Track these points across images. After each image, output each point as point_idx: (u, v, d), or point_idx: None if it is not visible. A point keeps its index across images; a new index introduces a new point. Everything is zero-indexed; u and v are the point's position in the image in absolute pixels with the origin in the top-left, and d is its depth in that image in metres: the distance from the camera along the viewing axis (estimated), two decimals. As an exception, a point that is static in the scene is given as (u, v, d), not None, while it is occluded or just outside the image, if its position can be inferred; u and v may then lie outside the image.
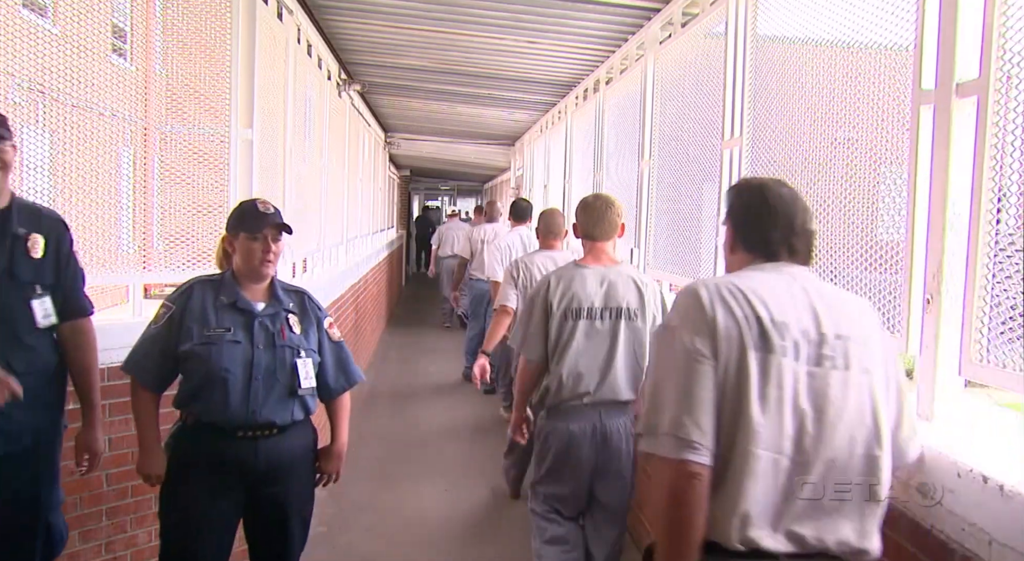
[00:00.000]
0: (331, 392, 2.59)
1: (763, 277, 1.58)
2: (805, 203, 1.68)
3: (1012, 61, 1.76)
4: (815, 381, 1.48)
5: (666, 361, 1.52)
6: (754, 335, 1.47)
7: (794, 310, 1.52)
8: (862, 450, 1.50)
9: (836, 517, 1.48)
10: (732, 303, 1.50)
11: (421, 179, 22.57)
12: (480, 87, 7.18)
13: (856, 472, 1.50)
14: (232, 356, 2.34)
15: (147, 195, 3.38)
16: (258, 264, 2.41)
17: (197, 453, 2.37)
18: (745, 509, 1.44)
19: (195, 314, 2.37)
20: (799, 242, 1.63)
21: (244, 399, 2.34)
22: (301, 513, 2.55)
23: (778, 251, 1.63)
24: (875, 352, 1.55)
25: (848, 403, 1.49)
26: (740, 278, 1.58)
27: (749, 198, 1.69)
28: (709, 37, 3.78)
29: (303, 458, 2.52)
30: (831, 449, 1.48)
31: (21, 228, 2.28)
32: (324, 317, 2.58)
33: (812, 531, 1.47)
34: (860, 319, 1.57)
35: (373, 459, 5.34)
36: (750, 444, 1.43)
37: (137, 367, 2.40)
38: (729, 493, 1.44)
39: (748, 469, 1.43)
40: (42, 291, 2.33)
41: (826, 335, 1.51)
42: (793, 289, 1.55)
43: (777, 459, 1.45)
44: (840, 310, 1.55)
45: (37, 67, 2.69)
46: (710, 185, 3.62)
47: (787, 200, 1.65)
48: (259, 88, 3.68)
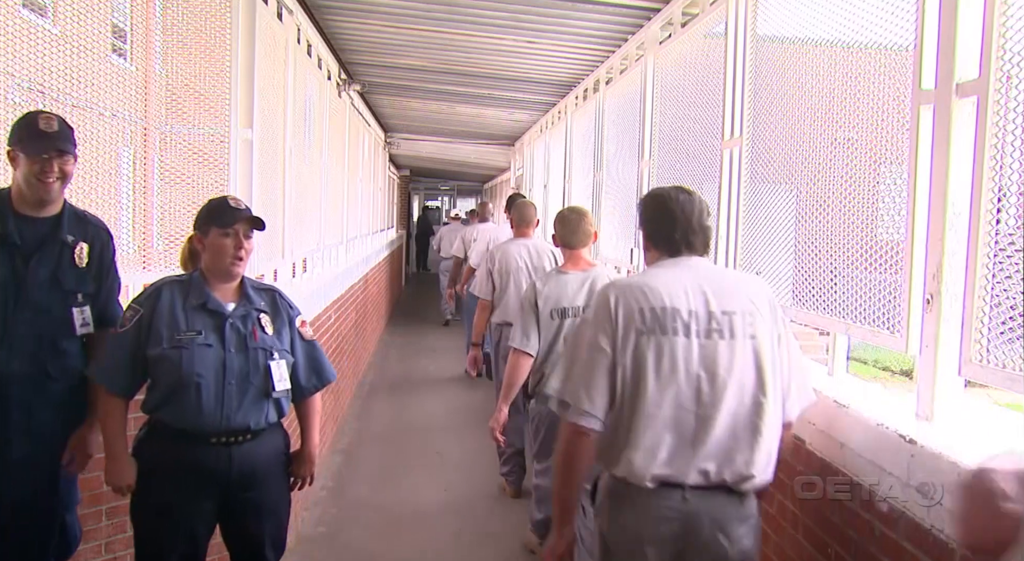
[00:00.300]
0: (303, 392, 2.51)
1: (663, 273, 2.00)
2: (703, 205, 2.08)
3: (1012, 61, 1.75)
4: (706, 351, 1.91)
5: (578, 348, 1.97)
6: (648, 323, 1.91)
7: (685, 297, 1.93)
8: (750, 399, 1.91)
9: (733, 454, 1.89)
10: (632, 300, 1.93)
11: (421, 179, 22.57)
12: (480, 87, 7.19)
13: (748, 416, 1.90)
14: (204, 360, 2.28)
15: (147, 195, 3.38)
16: (229, 262, 2.34)
17: (168, 460, 2.30)
18: (650, 455, 1.88)
19: (164, 317, 2.30)
20: (696, 238, 2.04)
21: (218, 404, 2.28)
22: (277, 518, 2.49)
23: (679, 247, 2.03)
24: (762, 322, 1.95)
25: (735, 364, 1.91)
26: (645, 276, 2.03)
27: (654, 207, 2.09)
28: (709, 37, 3.78)
29: (277, 463, 2.47)
30: (727, 402, 1.89)
31: (70, 235, 2.34)
32: (296, 315, 2.52)
33: (715, 467, 1.89)
34: (747, 296, 1.97)
35: (373, 459, 5.34)
36: (649, 407, 1.88)
37: (105, 375, 2.33)
38: (638, 444, 1.89)
39: (650, 425, 1.88)
40: (83, 300, 2.38)
41: (714, 313, 1.93)
42: (687, 278, 1.97)
43: (679, 415, 1.88)
44: (727, 290, 1.97)
45: (37, 67, 2.69)
46: (710, 185, 3.62)
47: (684, 205, 2.05)
48: (259, 88, 3.68)
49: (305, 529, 4.12)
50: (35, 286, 2.29)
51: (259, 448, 2.38)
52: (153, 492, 2.32)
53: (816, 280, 2.62)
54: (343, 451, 5.45)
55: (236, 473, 2.34)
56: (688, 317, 1.92)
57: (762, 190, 3.15)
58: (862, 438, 2.08)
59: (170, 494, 2.31)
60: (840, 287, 2.46)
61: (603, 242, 5.82)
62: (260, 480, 2.40)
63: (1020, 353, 1.71)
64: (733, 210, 3.32)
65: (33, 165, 2.24)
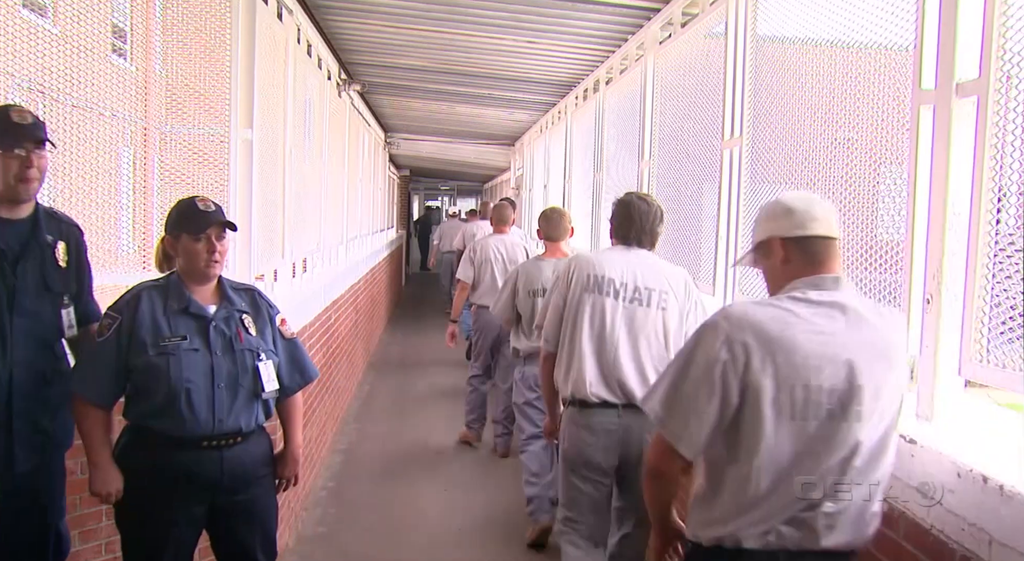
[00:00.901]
0: (285, 391, 2.48)
1: (613, 254, 2.90)
2: (658, 212, 2.91)
3: (1012, 61, 1.75)
4: (627, 311, 2.81)
5: (550, 304, 2.94)
6: (591, 285, 2.81)
7: (621, 272, 2.81)
8: (655, 349, 2.80)
9: (639, 376, 2.78)
10: (584, 269, 2.84)
11: (421, 179, 22.59)
12: (480, 87, 7.19)
13: (654, 356, 2.79)
14: (192, 365, 2.24)
15: (147, 195, 3.38)
16: (204, 265, 2.29)
17: (156, 466, 2.27)
18: (588, 377, 2.79)
19: (146, 324, 2.24)
20: (645, 237, 2.89)
21: (209, 409, 2.25)
22: (266, 521, 2.48)
23: (631, 242, 2.89)
24: (673, 300, 2.82)
25: (647, 324, 2.81)
26: (600, 254, 2.98)
27: (620, 210, 2.94)
28: (709, 37, 3.78)
29: (264, 465, 2.45)
30: (638, 344, 2.79)
31: (49, 235, 2.24)
32: (276, 314, 2.49)
33: (628, 384, 2.77)
34: (667, 280, 2.83)
35: (372, 459, 5.34)
36: (584, 343, 2.80)
37: (85, 386, 2.26)
38: (578, 369, 2.81)
39: (584, 355, 2.80)
40: (69, 301, 2.30)
41: (639, 287, 2.81)
42: (626, 261, 2.84)
43: (605, 347, 2.79)
44: (652, 274, 2.83)
45: (37, 67, 2.68)
46: (710, 185, 3.62)
47: (642, 211, 2.88)
48: (259, 88, 3.68)
49: (305, 529, 4.12)
50: (25, 292, 2.19)
51: (248, 451, 2.37)
52: (141, 499, 2.29)
53: (816, 280, 2.61)
54: (343, 451, 5.45)
55: (227, 476, 2.32)
56: (619, 286, 2.81)
57: (762, 190, 3.15)
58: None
59: (159, 500, 2.28)
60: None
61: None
62: (250, 483, 2.38)
63: (1020, 353, 1.71)
64: (733, 210, 3.32)
65: (10, 161, 2.11)
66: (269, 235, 4.00)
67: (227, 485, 2.33)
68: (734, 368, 1.59)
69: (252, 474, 2.39)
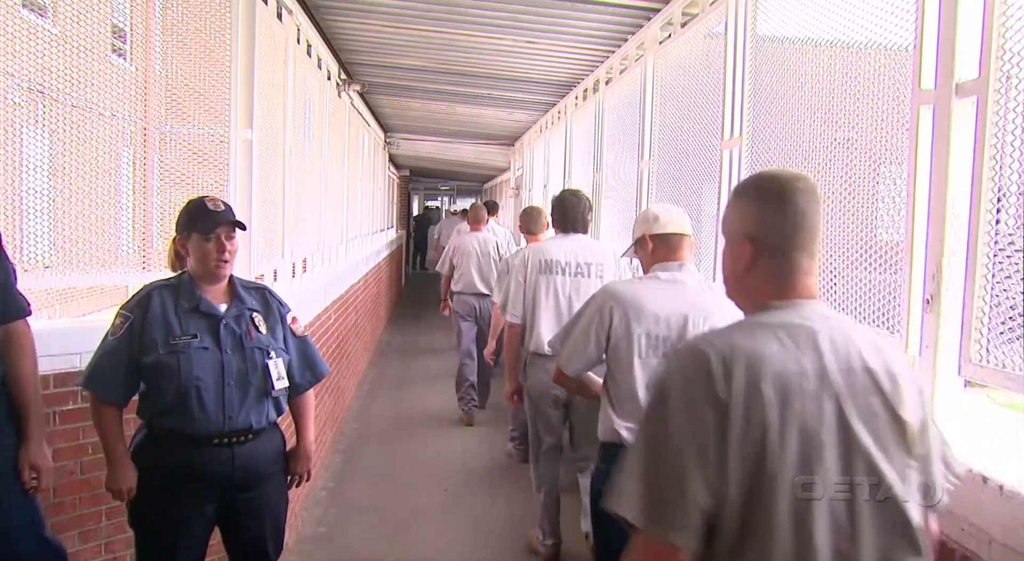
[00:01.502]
0: (297, 388, 2.51)
1: (557, 241, 3.66)
2: (586, 203, 3.70)
3: (1012, 61, 1.76)
4: (574, 282, 3.59)
5: (510, 282, 3.67)
6: (542, 266, 3.59)
7: (564, 254, 3.60)
8: None
9: None
10: (537, 255, 3.62)
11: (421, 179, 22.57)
12: (480, 87, 7.18)
13: None
14: (202, 363, 2.27)
15: (147, 195, 3.38)
16: (214, 265, 2.32)
17: (169, 463, 2.29)
18: (545, 336, 3.41)
19: (157, 322, 2.27)
20: (579, 224, 3.68)
21: (219, 406, 2.28)
22: (276, 517, 2.50)
23: (568, 229, 3.66)
24: (608, 270, 3.60)
25: (590, 290, 3.22)
26: (547, 242, 3.74)
27: (557, 205, 3.70)
28: (709, 37, 3.79)
29: (276, 462, 2.48)
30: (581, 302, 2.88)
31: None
32: (287, 312, 2.52)
33: None
34: (601, 255, 3.64)
35: (373, 459, 5.34)
36: (540, 310, 3.56)
37: (99, 383, 2.28)
38: (537, 331, 3.56)
39: (542, 318, 3.56)
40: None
41: (580, 263, 3.60)
42: (569, 244, 3.61)
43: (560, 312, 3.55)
44: (589, 252, 3.63)
45: (37, 67, 2.68)
46: (710, 185, 3.62)
47: (573, 204, 3.65)
48: (259, 88, 3.68)
49: (305, 529, 4.12)
50: None
51: (259, 448, 2.39)
52: (154, 496, 2.31)
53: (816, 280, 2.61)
54: (343, 451, 5.45)
55: (238, 473, 2.34)
56: (564, 265, 3.63)
57: (762, 190, 3.14)
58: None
59: (172, 497, 2.30)
60: (840, 287, 2.47)
61: (602, 238, 5.83)
62: (261, 480, 2.41)
63: (1020, 353, 1.71)
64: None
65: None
66: (269, 235, 4.00)
67: (239, 482, 2.35)
68: (601, 323, 2.42)
69: (263, 471, 2.41)
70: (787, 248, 1.27)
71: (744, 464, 1.13)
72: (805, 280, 1.29)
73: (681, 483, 1.13)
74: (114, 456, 2.30)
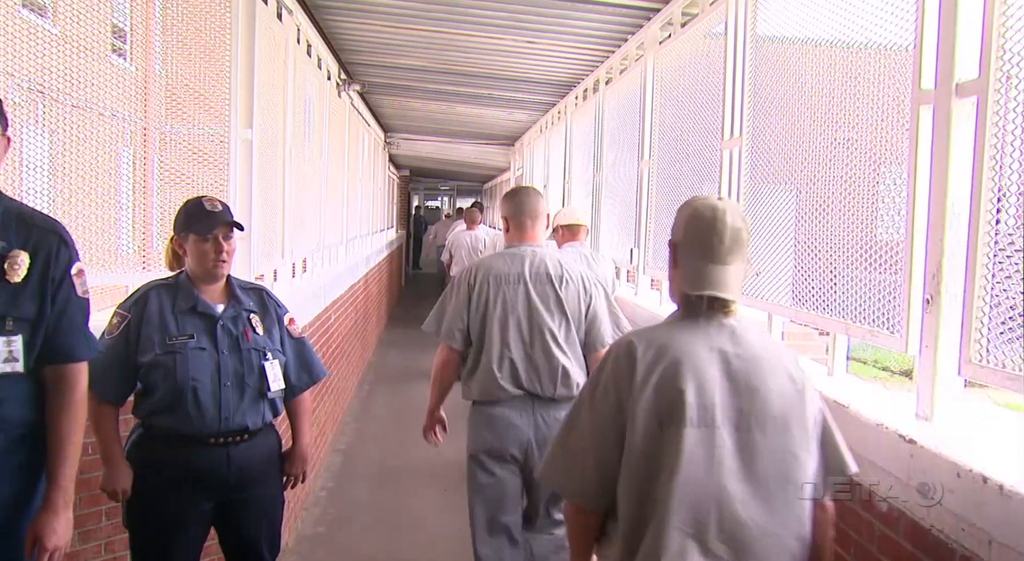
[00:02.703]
0: (293, 390, 2.50)
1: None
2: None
3: (1012, 61, 1.75)
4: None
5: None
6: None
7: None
8: None
9: None
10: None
11: (421, 179, 22.58)
12: (480, 87, 7.18)
13: None
14: (198, 364, 2.26)
15: (147, 195, 3.38)
16: (211, 266, 2.31)
17: (165, 463, 2.28)
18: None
19: (154, 322, 2.27)
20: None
21: (215, 407, 2.27)
22: (272, 518, 2.50)
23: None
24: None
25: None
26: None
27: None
28: (709, 37, 3.79)
29: (272, 462, 2.47)
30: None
31: (2, 241, 1.75)
32: (284, 313, 2.51)
33: None
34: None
35: (373, 459, 5.34)
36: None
37: (96, 382, 2.05)
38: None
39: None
40: (13, 326, 1.75)
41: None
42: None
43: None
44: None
45: (37, 67, 2.68)
46: (710, 185, 3.62)
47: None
48: (259, 88, 3.68)
49: (304, 529, 4.12)
50: None
51: (256, 448, 2.39)
52: (150, 496, 2.30)
53: (816, 280, 2.62)
54: (343, 451, 5.45)
55: (234, 474, 2.34)
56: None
57: (762, 190, 3.15)
58: (862, 438, 2.08)
59: (167, 497, 2.29)
60: (840, 287, 2.47)
61: (603, 241, 5.83)
62: (257, 480, 2.40)
63: (1020, 353, 1.71)
64: (733, 210, 3.31)
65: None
66: (269, 235, 4.00)
67: (235, 482, 2.35)
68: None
69: (260, 471, 2.41)
70: None
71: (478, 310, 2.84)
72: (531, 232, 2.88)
73: None
74: (110, 456, 2.29)
